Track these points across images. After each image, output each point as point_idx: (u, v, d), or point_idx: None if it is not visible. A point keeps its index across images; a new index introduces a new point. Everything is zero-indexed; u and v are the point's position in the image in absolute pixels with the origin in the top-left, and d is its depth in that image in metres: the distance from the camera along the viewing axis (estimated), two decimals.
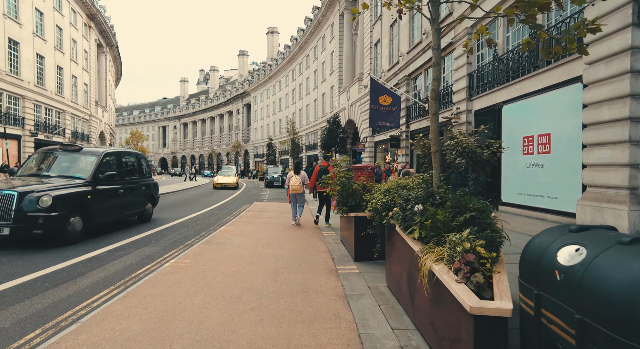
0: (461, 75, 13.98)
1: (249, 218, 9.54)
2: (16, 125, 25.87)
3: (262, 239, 6.73)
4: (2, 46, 24.16)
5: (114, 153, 7.15)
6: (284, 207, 12.74)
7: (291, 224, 8.75)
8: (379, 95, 17.00)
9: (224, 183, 24.16)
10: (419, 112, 18.84)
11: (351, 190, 5.86)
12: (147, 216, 8.50)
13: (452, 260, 2.56)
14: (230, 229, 7.61)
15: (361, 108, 28.03)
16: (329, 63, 38.46)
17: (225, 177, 25.09)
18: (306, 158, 46.50)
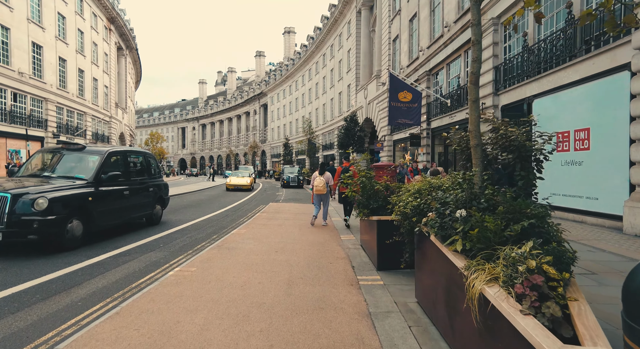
0: (486, 69, 13.15)
1: (264, 219, 9.09)
2: (39, 127, 26.44)
3: (275, 243, 6.24)
4: (26, 50, 24.70)
5: (119, 153, 6.82)
6: (299, 208, 12.26)
7: (307, 226, 8.33)
8: (399, 91, 16.32)
9: (237, 184, 21.85)
10: (441, 108, 18.02)
11: (373, 190, 5.30)
12: (157, 219, 8.16)
13: (512, 281, 1.98)
14: (243, 232, 7.17)
15: (379, 106, 27.31)
16: (346, 61, 37.85)
17: (239, 178, 22.74)
18: (322, 158, 45.95)
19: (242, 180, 22.42)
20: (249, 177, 23.51)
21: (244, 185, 21.96)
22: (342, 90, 39.11)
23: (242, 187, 21.97)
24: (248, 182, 22.33)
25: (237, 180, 22.55)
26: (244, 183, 22.05)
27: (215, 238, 6.93)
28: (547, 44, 10.63)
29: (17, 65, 23.73)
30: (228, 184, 22.07)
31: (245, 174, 24.04)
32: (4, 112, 23.01)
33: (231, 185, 21.97)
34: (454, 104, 16.48)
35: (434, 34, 18.99)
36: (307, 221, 9.01)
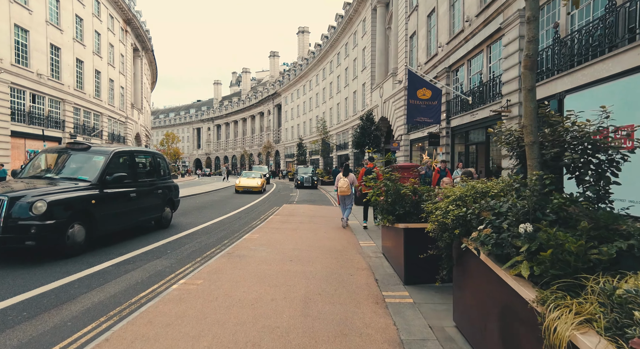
0: (513, 64, 12.37)
1: (277, 223, 8.63)
2: (57, 128, 26.75)
3: (290, 250, 5.76)
4: (45, 52, 25.00)
5: (126, 153, 6.45)
6: (314, 210, 11.77)
7: (323, 230, 7.86)
8: (418, 88, 15.65)
9: (246, 186, 19.85)
10: (461, 106, 17.24)
11: (398, 194, 4.75)
12: (166, 222, 7.77)
13: (622, 331, 1.43)
14: (256, 237, 6.71)
15: (395, 105, 26.60)
16: (361, 59, 37.21)
17: (249, 179, 20.74)
18: (337, 158, 45.44)
19: (253, 182, 20.35)
20: (261, 178, 21.52)
21: (254, 187, 19.89)
22: (357, 89, 38.48)
23: (252, 189, 19.92)
24: (259, 184, 20.29)
25: (247, 181, 20.49)
26: (254, 185, 19.95)
27: (226, 243, 6.49)
28: (583, 35, 9.83)
29: (36, 67, 24.02)
30: (237, 186, 20.15)
31: (256, 175, 22.22)
32: (23, 113, 23.30)
33: (240, 186, 19.98)
34: (475, 102, 15.70)
35: (453, 29, 18.22)
36: (322, 225, 8.51)
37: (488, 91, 14.69)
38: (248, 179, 20.74)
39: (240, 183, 20.08)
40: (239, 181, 20.22)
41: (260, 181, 20.47)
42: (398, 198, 4.65)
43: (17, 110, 22.87)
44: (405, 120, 25.29)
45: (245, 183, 20.03)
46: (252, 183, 20.05)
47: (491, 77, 14.83)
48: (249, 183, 19.97)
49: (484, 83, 14.92)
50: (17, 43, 22.67)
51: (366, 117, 17.96)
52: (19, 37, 22.83)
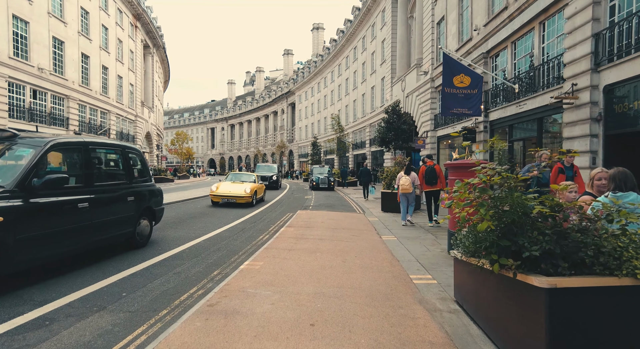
0: (580, 39, 10.00)
1: (290, 239, 6.56)
2: (60, 126, 25.45)
3: (309, 298, 3.62)
4: (47, 45, 23.70)
5: (74, 145, 4.41)
6: (335, 219, 9.65)
7: (353, 251, 5.75)
8: (455, 74, 13.36)
9: (226, 195, 12.63)
10: (504, 96, 14.85)
11: (524, 214, 2.52)
12: (142, 239, 5.75)
13: None
14: (258, 267, 4.66)
15: (420, 99, 24.26)
16: (380, 53, 34.93)
17: (233, 185, 13.41)
18: (353, 158, 43.26)
19: (236, 189, 12.89)
20: (253, 183, 14.22)
21: (238, 196, 12.54)
22: (375, 84, 36.21)
23: (235, 200, 12.56)
24: (246, 192, 12.71)
25: (229, 188, 13.08)
26: (238, 194, 12.57)
27: (214, 277, 4.46)
28: None
29: (37, 61, 22.71)
30: (213, 194, 12.85)
31: (248, 178, 14.92)
32: (23, 110, 22.00)
33: (218, 196, 12.73)
34: (522, 90, 13.33)
35: (493, 8, 15.84)
36: (350, 242, 6.43)
37: (541, 76, 12.31)
38: (231, 185, 13.50)
39: (218, 191, 12.78)
40: (216, 188, 12.94)
41: (250, 187, 13.05)
42: (522, 223, 2.45)
43: (16, 106, 21.56)
44: (431, 115, 22.99)
45: (225, 191, 12.77)
46: (236, 190, 12.76)
47: (544, 58, 12.44)
48: (230, 191, 12.74)
49: (535, 68, 12.54)
50: (16, 35, 21.35)
51: (392, 110, 15.73)
52: (18, 28, 21.52)
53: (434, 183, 8.67)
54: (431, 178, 8.67)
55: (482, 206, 2.40)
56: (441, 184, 8.67)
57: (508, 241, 2.34)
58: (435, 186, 8.69)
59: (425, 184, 8.75)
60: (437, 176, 8.67)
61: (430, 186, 8.67)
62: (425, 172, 8.79)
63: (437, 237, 7.21)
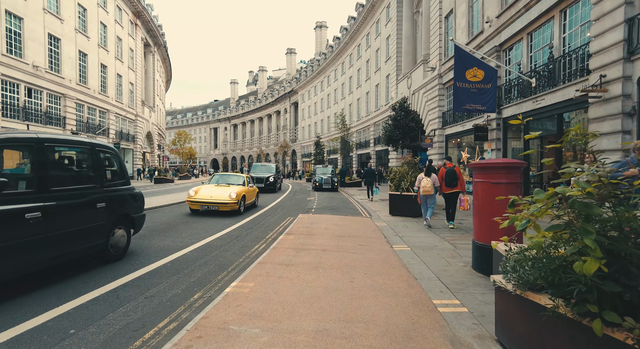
0: (610, 26, 9.08)
1: (288, 252, 5.71)
2: (57, 125, 24.80)
3: (309, 344, 2.77)
4: (42, 42, 23.05)
5: (19, 142, 3.56)
6: (341, 224, 8.81)
7: (362, 266, 4.91)
8: (467, 68, 12.50)
9: (207, 201, 10.23)
10: (519, 91, 13.94)
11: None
12: (117, 251, 4.96)
13: None
14: (247, 291, 3.80)
15: (427, 96, 23.35)
16: (384, 50, 34.02)
17: (215, 189, 10.97)
18: (357, 157, 42.36)
19: (220, 194, 10.45)
20: (242, 186, 11.59)
21: (221, 203, 10.17)
22: (380, 82, 35.31)
23: (217, 207, 10.19)
24: (231, 198, 10.26)
25: (210, 192, 10.65)
26: (220, 201, 10.19)
27: (193, 303, 3.62)
28: None
29: (32, 58, 22.06)
30: (190, 200, 10.40)
31: (237, 180, 12.12)
32: (17, 108, 21.34)
33: (196, 202, 10.32)
34: (541, 84, 12.42)
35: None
36: (358, 255, 5.59)
37: (562, 68, 11.39)
38: (214, 188, 10.96)
39: (196, 196, 10.39)
40: (194, 192, 10.58)
41: (237, 191, 10.54)
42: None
43: (10, 105, 20.90)
44: (439, 113, 22.08)
45: (205, 196, 10.32)
46: (219, 195, 10.32)
47: (565, 50, 11.52)
48: (211, 196, 10.29)
49: (555, 60, 11.62)
50: (10, 31, 20.69)
51: (399, 106, 14.84)
52: (12, 24, 20.85)
53: (454, 185, 8.55)
54: (452, 180, 8.52)
55: (586, 234, 1.53)
56: (461, 186, 8.56)
57: (618, 285, 1.49)
58: (455, 188, 8.55)
59: (445, 186, 8.61)
60: (457, 178, 8.55)
61: (450, 188, 8.56)
62: (445, 174, 8.62)
63: (456, 247, 6.34)
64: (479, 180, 4.87)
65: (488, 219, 4.66)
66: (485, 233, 4.73)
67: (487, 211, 4.71)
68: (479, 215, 4.86)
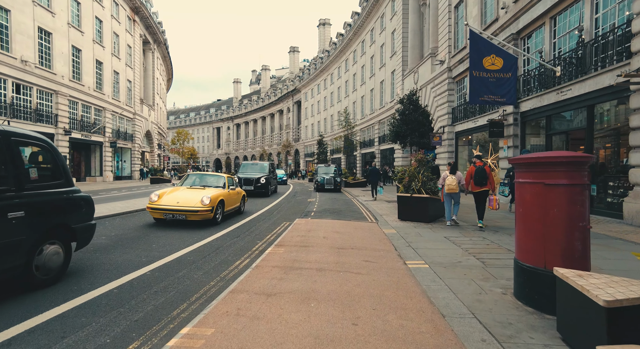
0: None
1: (273, 273, 4.41)
2: (48, 123, 23.78)
3: None
4: (32, 36, 22.02)
5: None
6: (343, 232, 7.56)
7: (368, 295, 3.68)
8: (484, 55, 11.22)
9: (169, 208, 7.87)
10: (540, 82, 12.62)
11: None
12: (48, 274, 3.80)
13: None
14: (199, 346, 2.61)
15: (435, 91, 22.04)
16: (389, 45, 32.73)
17: (188, 192, 8.68)
18: (361, 157, 41.10)
19: (189, 199, 8.18)
20: (216, 190, 9.06)
21: (189, 211, 7.86)
22: (385, 79, 34.01)
23: (185, 216, 7.88)
24: (204, 204, 7.97)
25: (176, 198, 8.30)
26: (189, 207, 7.90)
27: None
28: None
29: (20, 52, 21.04)
30: (151, 206, 8.02)
31: (215, 182, 9.76)
32: (4, 105, 20.33)
33: (157, 209, 7.96)
34: (567, 73, 11.11)
35: None
36: (362, 275, 4.39)
37: (593, 54, 10.07)
38: (185, 192, 8.72)
39: (160, 202, 8.10)
40: (158, 197, 8.26)
41: (212, 196, 8.25)
42: None
43: None
44: (448, 109, 20.77)
45: (170, 202, 8.06)
46: (188, 201, 8.09)
47: (598, 33, 10.19)
48: (178, 202, 8.04)
49: (585, 44, 10.30)
50: None
51: (407, 99, 13.56)
52: None
53: (484, 184, 8.37)
54: (481, 178, 8.33)
55: None
56: (490, 185, 8.37)
57: None
58: (484, 187, 8.38)
59: (474, 185, 8.43)
60: (487, 177, 8.37)
61: (480, 187, 8.38)
62: (475, 172, 8.43)
63: (485, 264, 5.09)
64: (525, 180, 3.62)
65: (541, 234, 3.42)
66: (536, 253, 3.48)
67: (537, 223, 3.47)
68: (526, 228, 3.61)
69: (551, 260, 3.33)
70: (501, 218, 10.12)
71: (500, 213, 11.18)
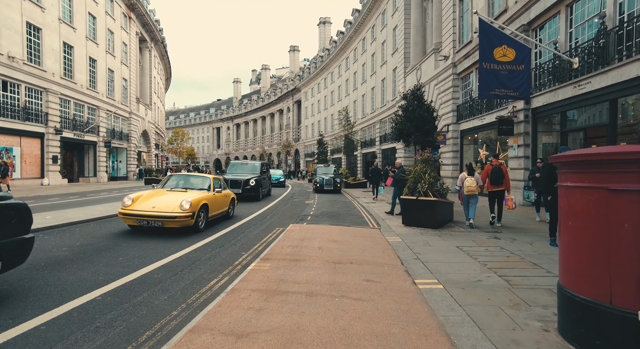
0: None
1: (250, 301, 3.45)
2: (37, 121, 22.96)
3: None
4: (19, 31, 21.21)
5: None
6: (342, 241, 6.69)
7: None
8: (495, 46, 10.35)
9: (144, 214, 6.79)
10: (555, 75, 11.75)
11: None
12: None
13: None
14: None
15: (439, 88, 21.17)
16: (391, 41, 31.86)
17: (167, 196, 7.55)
18: (362, 157, 40.21)
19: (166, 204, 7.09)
20: (200, 193, 7.97)
21: (166, 217, 6.77)
22: (386, 77, 33.14)
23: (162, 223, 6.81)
24: (183, 210, 6.87)
25: (152, 202, 7.19)
26: (166, 213, 6.81)
27: None
28: None
29: (6, 48, 20.23)
30: (123, 212, 6.93)
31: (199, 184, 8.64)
32: None
33: (130, 215, 6.87)
34: (585, 65, 10.23)
35: None
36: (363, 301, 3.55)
37: (616, 42, 9.18)
38: (164, 195, 7.66)
39: (133, 206, 7.04)
40: (131, 201, 7.17)
41: (193, 200, 7.19)
42: None
43: None
44: (453, 106, 19.88)
45: (145, 207, 7.00)
46: (165, 205, 7.04)
47: (623, 18, 9.30)
48: (154, 207, 6.99)
49: (608, 32, 9.41)
50: None
51: (412, 94, 12.70)
52: None
53: (500, 183, 8.41)
54: (498, 178, 8.39)
55: None
56: (506, 184, 8.44)
57: None
58: (501, 187, 8.42)
59: (490, 184, 8.46)
60: (504, 176, 8.41)
61: (496, 186, 8.42)
62: (491, 172, 8.46)
63: (511, 284, 4.23)
64: (578, 184, 2.75)
65: (603, 256, 2.54)
66: (596, 281, 2.61)
67: (597, 241, 2.60)
68: (579, 247, 2.75)
69: (621, 292, 2.46)
70: (514, 222, 9.24)
71: (512, 215, 10.31)
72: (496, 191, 8.41)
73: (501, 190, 8.40)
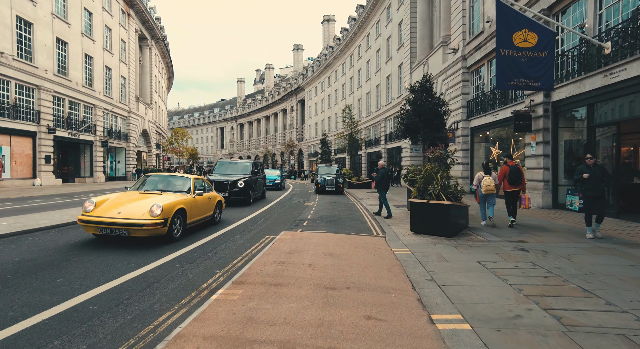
0: None
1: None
2: (28, 120, 22.12)
3: None
4: (8, 25, 20.37)
5: None
6: (340, 256, 5.57)
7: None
8: (514, 30, 9.20)
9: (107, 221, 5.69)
10: (580, 64, 10.54)
11: None
12: None
13: None
14: None
15: (448, 82, 19.98)
16: (396, 36, 30.68)
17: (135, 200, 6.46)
18: (366, 156, 39.03)
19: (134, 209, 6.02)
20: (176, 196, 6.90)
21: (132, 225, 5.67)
22: (392, 73, 31.95)
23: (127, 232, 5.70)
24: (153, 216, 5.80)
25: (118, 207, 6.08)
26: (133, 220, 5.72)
27: None
28: None
29: None
30: (83, 220, 5.82)
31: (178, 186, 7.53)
32: None
33: (90, 223, 5.78)
34: (620, 50, 9.03)
35: None
36: None
37: None
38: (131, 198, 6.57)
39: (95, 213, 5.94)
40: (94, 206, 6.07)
41: (165, 204, 6.08)
42: None
43: None
44: (463, 102, 18.68)
45: (109, 213, 5.89)
46: (132, 211, 5.95)
47: None
48: (119, 213, 5.87)
49: None
50: None
51: (420, 86, 11.55)
52: None
53: (518, 183, 8.31)
54: (516, 178, 8.25)
55: None
56: (522, 185, 8.39)
57: None
58: (518, 187, 8.34)
59: (508, 184, 8.34)
60: (521, 176, 8.33)
61: (514, 186, 8.32)
62: (510, 172, 8.30)
63: (564, 324, 3.11)
64: None
65: None
66: None
67: None
68: None
69: None
70: (538, 228, 8.08)
71: (534, 220, 9.16)
72: (513, 192, 8.37)
73: (517, 191, 8.39)
